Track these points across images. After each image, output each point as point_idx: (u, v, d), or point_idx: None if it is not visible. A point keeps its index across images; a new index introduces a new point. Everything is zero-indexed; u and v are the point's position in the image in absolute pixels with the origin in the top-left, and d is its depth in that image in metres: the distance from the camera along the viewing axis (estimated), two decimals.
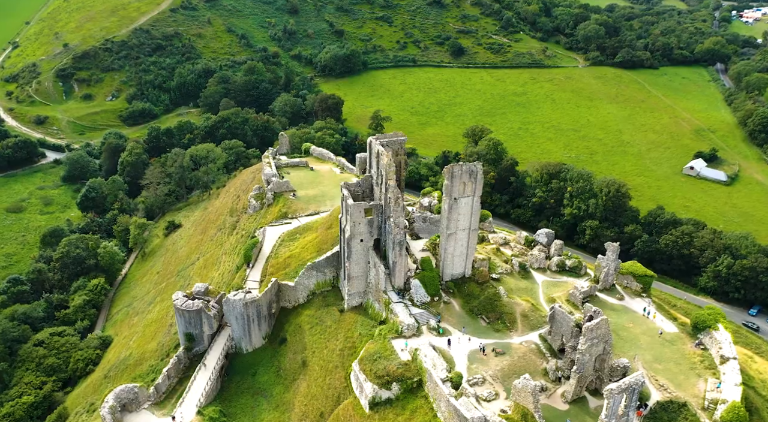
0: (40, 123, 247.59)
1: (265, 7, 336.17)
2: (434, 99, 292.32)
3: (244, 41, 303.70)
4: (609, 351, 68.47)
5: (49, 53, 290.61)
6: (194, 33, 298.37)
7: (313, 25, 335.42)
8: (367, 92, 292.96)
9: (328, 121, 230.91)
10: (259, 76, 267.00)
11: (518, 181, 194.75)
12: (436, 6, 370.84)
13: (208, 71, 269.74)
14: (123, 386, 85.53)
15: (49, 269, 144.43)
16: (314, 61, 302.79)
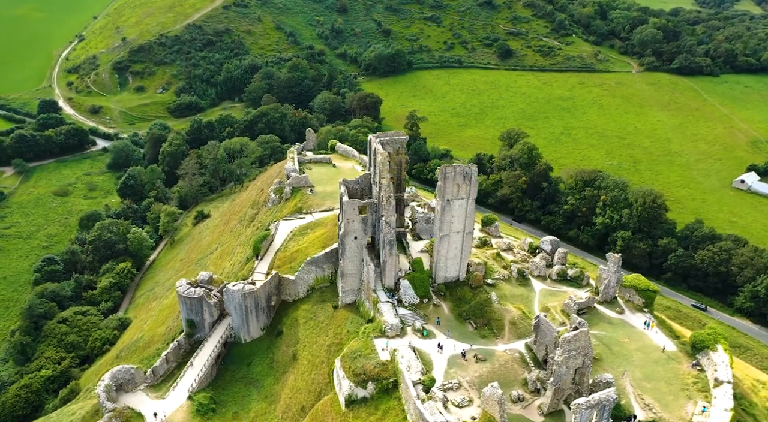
0: (95, 112, 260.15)
1: (314, 6, 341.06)
2: (476, 101, 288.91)
3: (292, 39, 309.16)
4: (588, 364, 65.98)
5: (109, 46, 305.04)
6: (244, 29, 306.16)
7: (361, 24, 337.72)
8: (409, 92, 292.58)
9: (365, 119, 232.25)
10: (302, 73, 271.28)
11: (551, 187, 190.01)
12: (487, 7, 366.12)
13: (254, 67, 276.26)
14: (120, 366, 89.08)
15: (82, 251, 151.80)
16: (359, 60, 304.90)
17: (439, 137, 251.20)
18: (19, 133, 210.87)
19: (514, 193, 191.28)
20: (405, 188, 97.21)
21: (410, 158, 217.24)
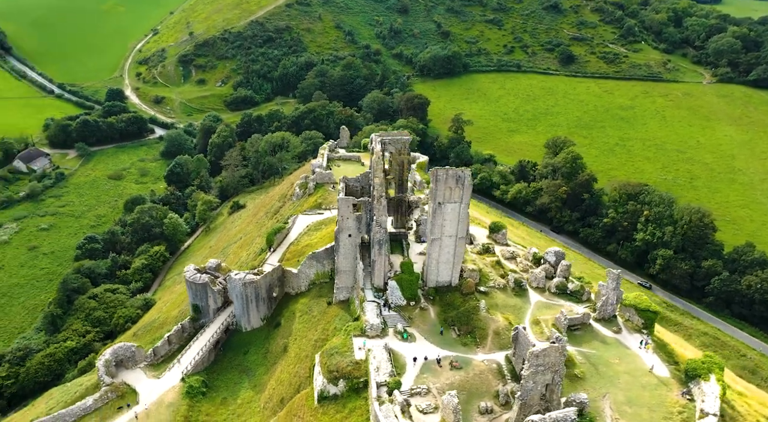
0: (158, 102, 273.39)
1: (375, 5, 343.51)
2: (530, 106, 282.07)
3: (349, 38, 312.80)
4: (558, 381, 63.34)
5: (178, 40, 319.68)
6: (304, 27, 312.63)
7: (421, 25, 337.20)
8: (462, 95, 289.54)
9: (410, 120, 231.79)
10: (355, 72, 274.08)
11: (592, 198, 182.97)
12: (552, 11, 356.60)
13: (309, 64, 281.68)
14: (121, 343, 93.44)
15: (122, 232, 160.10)
16: (414, 61, 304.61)
17: (486, 142, 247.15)
18: (83, 119, 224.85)
19: (553, 203, 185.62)
20: (408, 189, 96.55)
21: (452, 162, 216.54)
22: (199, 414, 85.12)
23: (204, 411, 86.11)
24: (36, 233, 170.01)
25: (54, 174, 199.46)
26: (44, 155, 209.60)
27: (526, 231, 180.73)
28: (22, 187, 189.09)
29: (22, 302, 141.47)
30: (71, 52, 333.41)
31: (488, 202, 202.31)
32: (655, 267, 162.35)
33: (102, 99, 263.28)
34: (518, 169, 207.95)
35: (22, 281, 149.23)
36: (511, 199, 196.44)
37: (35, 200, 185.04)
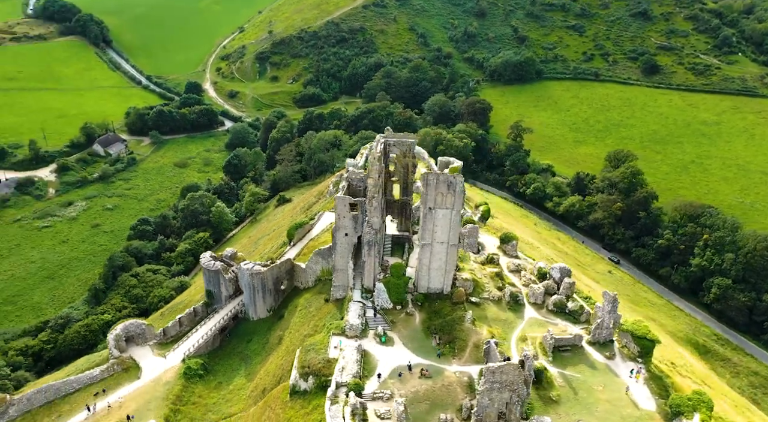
0: (232, 96, 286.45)
1: (452, 9, 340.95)
2: (603, 117, 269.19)
3: (422, 40, 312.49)
4: (517, 401, 60.64)
5: (258, 38, 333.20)
6: (378, 29, 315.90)
7: (497, 29, 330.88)
8: (531, 102, 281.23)
9: (470, 125, 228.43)
10: (422, 74, 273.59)
11: (649, 217, 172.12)
12: (640, 17, 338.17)
13: (378, 65, 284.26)
14: (133, 321, 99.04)
15: (173, 217, 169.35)
16: (485, 65, 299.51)
17: (548, 151, 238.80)
18: (159, 109, 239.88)
19: (606, 219, 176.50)
20: (412, 191, 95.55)
21: (508, 169, 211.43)
22: (191, 395, 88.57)
23: (197, 393, 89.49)
24: (101, 212, 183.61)
25: (127, 158, 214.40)
26: (121, 141, 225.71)
27: (574, 246, 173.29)
28: (97, 169, 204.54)
29: (77, 275, 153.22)
30: (163, 47, 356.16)
31: (539, 213, 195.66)
32: (710, 296, 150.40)
33: (182, 91, 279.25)
34: (575, 181, 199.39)
35: (81, 255, 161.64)
36: (563, 211, 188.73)
37: (106, 182, 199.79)
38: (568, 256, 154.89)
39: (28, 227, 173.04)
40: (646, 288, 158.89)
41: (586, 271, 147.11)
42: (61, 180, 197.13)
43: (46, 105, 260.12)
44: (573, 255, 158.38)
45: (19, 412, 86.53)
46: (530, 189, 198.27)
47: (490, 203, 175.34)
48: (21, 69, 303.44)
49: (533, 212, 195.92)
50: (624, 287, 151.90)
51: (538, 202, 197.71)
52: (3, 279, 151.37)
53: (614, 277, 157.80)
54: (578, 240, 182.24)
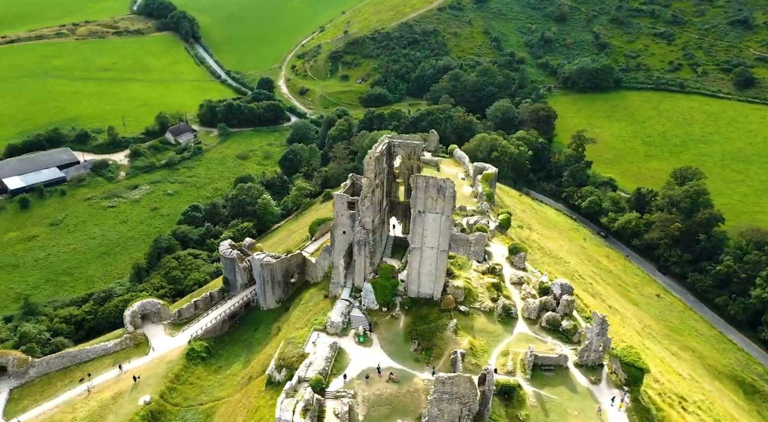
0: (302, 93, 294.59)
1: (531, 13, 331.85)
2: (682, 131, 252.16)
3: (495, 44, 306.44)
4: (467, 415, 58.47)
5: (334, 38, 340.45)
6: (451, 31, 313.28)
7: (577, 35, 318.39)
8: (605, 112, 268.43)
9: (531, 132, 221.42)
10: (489, 78, 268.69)
11: (710, 240, 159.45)
12: (739, 26, 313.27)
13: (446, 68, 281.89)
14: (149, 299, 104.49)
15: (223, 205, 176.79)
16: (558, 72, 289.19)
17: (615, 164, 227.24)
18: (228, 103, 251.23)
19: (662, 240, 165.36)
20: None
21: (566, 180, 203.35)
22: (190, 376, 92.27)
23: (196, 374, 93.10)
24: (162, 197, 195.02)
25: (194, 148, 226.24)
26: (191, 131, 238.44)
27: (622, 265, 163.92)
28: (165, 156, 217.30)
29: (130, 253, 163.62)
30: (246, 43, 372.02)
31: (593, 228, 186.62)
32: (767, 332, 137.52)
33: (256, 86, 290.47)
34: (635, 197, 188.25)
35: (137, 235, 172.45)
36: (617, 228, 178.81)
37: (171, 168, 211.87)
38: (611, 275, 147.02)
39: (96, 206, 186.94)
40: (697, 316, 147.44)
41: (628, 292, 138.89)
42: (132, 164, 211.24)
43: (132, 94, 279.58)
44: (617, 275, 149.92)
45: (38, 374, 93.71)
46: (586, 202, 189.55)
47: (537, 213, 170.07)
48: (117, 61, 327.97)
49: (587, 227, 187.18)
50: (670, 313, 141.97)
51: (593, 216, 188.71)
52: (65, 252, 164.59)
53: (662, 302, 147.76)
54: (631, 259, 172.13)
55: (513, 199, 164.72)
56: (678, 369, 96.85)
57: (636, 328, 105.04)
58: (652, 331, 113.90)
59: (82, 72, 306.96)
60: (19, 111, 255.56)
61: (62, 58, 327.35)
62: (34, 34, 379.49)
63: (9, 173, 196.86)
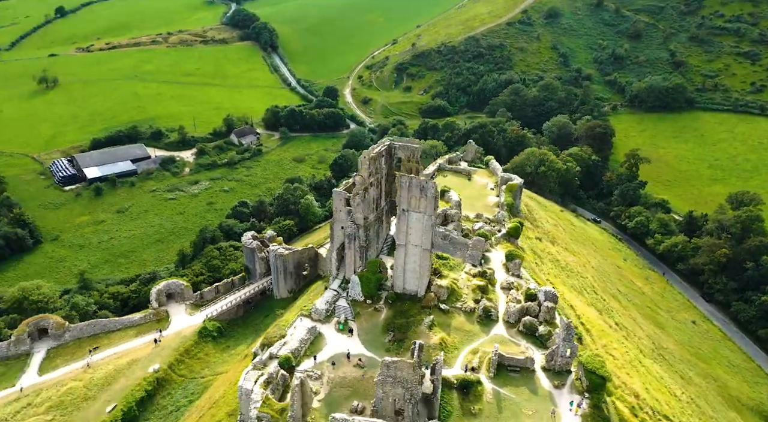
0: (365, 103, 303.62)
1: (604, 29, 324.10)
2: (755, 156, 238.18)
3: (562, 60, 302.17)
4: (408, 399, 61.50)
5: (403, 50, 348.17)
6: (518, 46, 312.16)
7: (651, 52, 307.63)
8: (672, 132, 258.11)
9: (584, 149, 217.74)
10: (550, 93, 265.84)
11: (759, 269, 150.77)
12: None
13: (508, 82, 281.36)
14: (174, 280, 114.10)
15: (270, 203, 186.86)
16: (626, 90, 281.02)
17: (674, 186, 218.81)
18: (291, 108, 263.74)
19: (707, 265, 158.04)
20: None
21: (615, 199, 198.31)
22: (199, 351, 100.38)
23: (205, 351, 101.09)
24: (218, 192, 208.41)
25: (254, 149, 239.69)
26: (254, 133, 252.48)
27: (661, 288, 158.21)
28: (228, 155, 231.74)
29: (181, 242, 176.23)
30: (321, 54, 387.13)
31: (638, 249, 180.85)
32: None
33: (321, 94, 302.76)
34: (686, 220, 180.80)
35: (190, 226, 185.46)
36: (662, 250, 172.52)
37: (231, 167, 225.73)
38: (642, 296, 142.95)
39: (159, 197, 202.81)
40: (735, 347, 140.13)
41: (656, 315, 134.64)
42: (197, 161, 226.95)
43: (208, 98, 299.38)
44: (650, 296, 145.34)
45: (71, 338, 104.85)
46: (632, 222, 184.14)
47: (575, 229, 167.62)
48: (200, 67, 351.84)
49: (631, 247, 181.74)
50: (702, 340, 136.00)
51: (639, 237, 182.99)
52: (126, 237, 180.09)
53: (697, 328, 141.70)
54: (673, 284, 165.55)
55: (549, 213, 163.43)
56: (679, 391, 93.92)
57: (641, 347, 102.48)
58: (666, 354, 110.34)
59: (168, 76, 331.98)
60: (108, 109, 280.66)
61: (152, 63, 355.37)
62: (133, 41, 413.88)
63: (89, 164, 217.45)
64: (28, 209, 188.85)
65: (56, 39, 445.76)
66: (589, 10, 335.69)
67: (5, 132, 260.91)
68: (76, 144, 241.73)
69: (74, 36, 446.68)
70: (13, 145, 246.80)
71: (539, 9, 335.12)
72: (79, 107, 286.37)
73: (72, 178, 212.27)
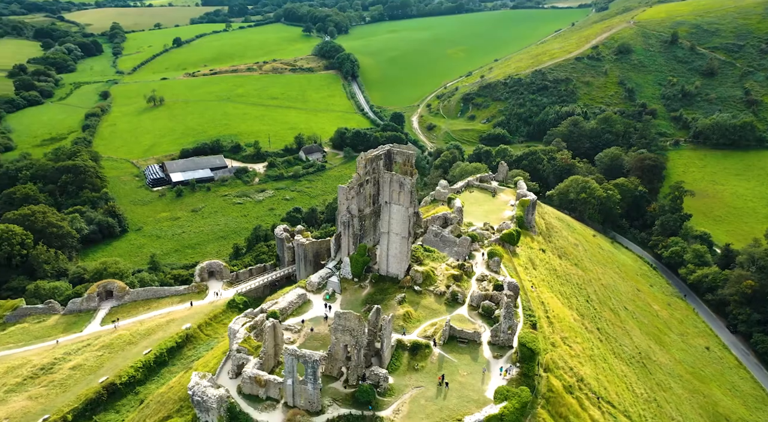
0: (429, 129, 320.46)
1: (676, 66, 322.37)
2: None
3: (627, 94, 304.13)
4: (355, 345, 75.37)
5: (472, 82, 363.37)
6: (584, 80, 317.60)
7: (724, 90, 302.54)
8: (735, 170, 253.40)
9: (632, 180, 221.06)
10: (609, 126, 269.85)
11: None
12: None
13: (569, 114, 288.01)
14: (215, 260, 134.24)
15: (321, 211, 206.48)
16: (691, 126, 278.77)
17: (724, 222, 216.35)
18: (356, 130, 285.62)
19: (733, 296, 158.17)
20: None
21: (656, 230, 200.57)
22: (224, 318, 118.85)
23: (230, 318, 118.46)
24: (280, 200, 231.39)
25: (319, 165, 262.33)
26: (321, 151, 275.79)
27: (684, 315, 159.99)
28: (294, 169, 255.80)
29: (240, 239, 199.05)
30: (397, 83, 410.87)
31: (670, 278, 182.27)
32: None
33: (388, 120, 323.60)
34: (723, 253, 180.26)
35: (249, 227, 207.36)
36: (693, 280, 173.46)
37: (295, 180, 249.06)
38: (656, 318, 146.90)
39: (228, 201, 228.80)
40: (747, 376, 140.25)
41: (662, 335, 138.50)
42: (266, 173, 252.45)
43: (286, 119, 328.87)
44: (664, 319, 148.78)
45: (129, 300, 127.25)
46: (667, 252, 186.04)
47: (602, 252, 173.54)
48: (284, 91, 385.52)
49: (664, 276, 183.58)
50: (711, 365, 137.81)
51: (673, 266, 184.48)
52: (195, 232, 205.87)
53: (709, 354, 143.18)
54: (700, 313, 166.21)
55: (576, 235, 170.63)
56: (641, 390, 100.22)
57: (617, 351, 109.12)
58: (651, 364, 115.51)
59: (255, 99, 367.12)
60: (200, 125, 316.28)
61: (244, 87, 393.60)
62: (232, 68, 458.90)
63: (176, 169, 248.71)
64: (121, 204, 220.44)
65: (170, 65, 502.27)
66: (662, 47, 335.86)
67: (116, 141, 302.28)
68: (169, 153, 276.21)
69: (185, 63, 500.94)
70: (119, 152, 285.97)
71: (610, 45, 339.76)
72: (177, 123, 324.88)
73: (160, 180, 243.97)
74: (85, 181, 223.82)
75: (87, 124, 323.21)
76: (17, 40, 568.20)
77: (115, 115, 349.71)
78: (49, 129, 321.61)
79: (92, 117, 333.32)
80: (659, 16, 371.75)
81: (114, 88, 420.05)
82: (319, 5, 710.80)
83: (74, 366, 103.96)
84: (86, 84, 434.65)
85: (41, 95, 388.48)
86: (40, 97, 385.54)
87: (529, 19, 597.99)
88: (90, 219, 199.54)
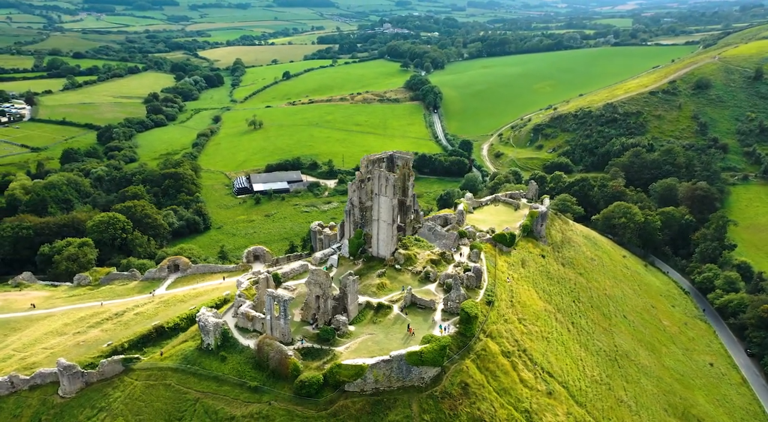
0: (497, 157, 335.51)
1: (757, 101, 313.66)
2: None
3: (699, 128, 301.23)
4: (324, 294, 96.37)
5: (545, 114, 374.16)
6: (656, 113, 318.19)
7: None
8: None
9: (681, 209, 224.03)
10: (670, 158, 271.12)
11: None
12: None
13: (634, 145, 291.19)
14: (259, 246, 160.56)
15: None
16: (762, 161, 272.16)
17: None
18: (422, 154, 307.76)
19: (750, 320, 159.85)
20: (409, 194, 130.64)
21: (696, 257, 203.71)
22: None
23: None
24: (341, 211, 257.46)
25: None
26: None
27: (698, 334, 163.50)
28: None
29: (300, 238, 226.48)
30: (476, 114, 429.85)
31: (700, 302, 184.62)
32: None
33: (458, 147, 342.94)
34: (755, 280, 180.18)
35: None
36: (719, 305, 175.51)
37: None
38: (661, 332, 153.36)
39: (297, 210, 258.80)
40: (749, 393, 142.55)
41: (660, 345, 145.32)
42: (335, 188, 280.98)
43: (364, 143, 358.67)
44: (670, 334, 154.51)
45: (191, 272, 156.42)
46: (700, 277, 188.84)
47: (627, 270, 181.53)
48: (368, 119, 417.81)
49: (694, 300, 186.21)
50: (706, 378, 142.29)
51: (704, 291, 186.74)
52: (264, 232, 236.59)
53: (711, 370, 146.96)
54: (722, 336, 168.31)
55: (601, 251, 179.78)
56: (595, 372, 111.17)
57: (588, 344, 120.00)
58: (626, 361, 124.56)
59: (341, 125, 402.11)
60: (288, 146, 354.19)
61: (333, 114, 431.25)
62: (327, 98, 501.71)
63: (258, 181, 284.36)
64: (209, 207, 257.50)
65: (276, 95, 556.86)
66: (744, 83, 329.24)
67: (216, 156, 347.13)
68: (256, 167, 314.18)
69: (289, 93, 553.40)
70: (217, 165, 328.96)
71: (688, 80, 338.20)
72: (269, 143, 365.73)
73: (244, 190, 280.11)
74: (182, 186, 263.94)
75: (197, 142, 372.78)
76: (157, 73, 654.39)
77: (221, 136, 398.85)
78: (167, 146, 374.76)
79: (202, 136, 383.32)
80: (749, 52, 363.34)
81: (225, 113, 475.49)
82: (422, 43, 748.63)
83: (137, 313, 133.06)
84: (204, 110, 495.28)
85: (167, 118, 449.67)
86: (165, 120, 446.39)
87: (627, 56, 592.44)
88: (181, 216, 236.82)
